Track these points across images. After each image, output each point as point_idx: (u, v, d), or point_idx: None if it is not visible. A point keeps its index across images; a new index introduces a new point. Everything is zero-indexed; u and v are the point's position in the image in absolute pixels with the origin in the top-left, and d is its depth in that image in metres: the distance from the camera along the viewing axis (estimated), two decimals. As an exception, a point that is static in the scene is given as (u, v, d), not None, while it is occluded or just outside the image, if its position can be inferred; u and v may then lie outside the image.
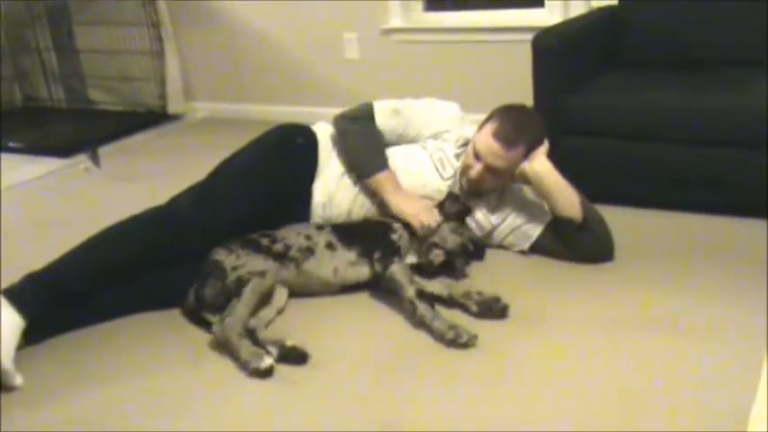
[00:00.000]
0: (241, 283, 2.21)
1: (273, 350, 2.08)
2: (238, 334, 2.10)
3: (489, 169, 2.52)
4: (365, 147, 2.61)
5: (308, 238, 2.42)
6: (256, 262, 2.30)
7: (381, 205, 2.57)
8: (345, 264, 2.41)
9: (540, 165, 2.50)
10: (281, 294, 2.35)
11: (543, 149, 2.52)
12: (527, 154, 2.50)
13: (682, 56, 3.25)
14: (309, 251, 2.39)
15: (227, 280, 2.23)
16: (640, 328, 2.15)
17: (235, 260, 2.29)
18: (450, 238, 2.46)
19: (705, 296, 2.29)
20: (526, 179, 2.55)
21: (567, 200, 2.51)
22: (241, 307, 2.16)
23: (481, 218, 2.63)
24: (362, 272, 2.42)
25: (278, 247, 2.36)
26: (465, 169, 2.58)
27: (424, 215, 2.48)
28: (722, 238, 2.68)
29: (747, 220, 2.74)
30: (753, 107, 2.70)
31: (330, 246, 2.42)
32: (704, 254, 2.57)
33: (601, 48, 3.32)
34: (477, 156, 2.52)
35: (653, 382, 1.91)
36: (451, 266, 2.46)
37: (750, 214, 2.75)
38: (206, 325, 2.23)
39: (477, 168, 2.52)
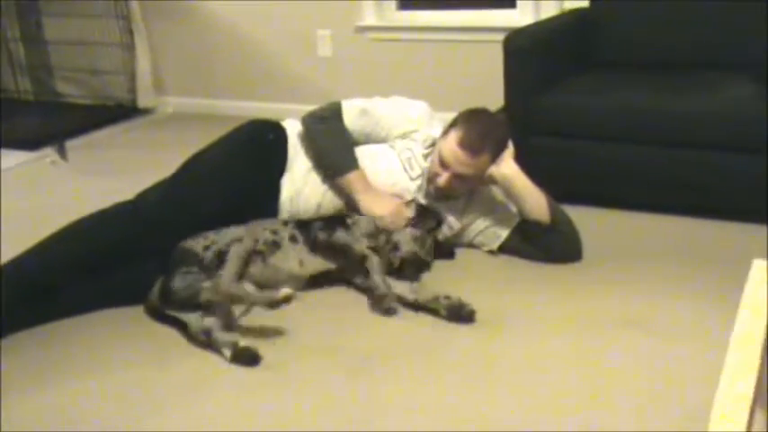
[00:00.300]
0: (221, 256, 2.23)
1: (227, 351, 2.06)
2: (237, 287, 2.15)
3: (457, 177, 2.52)
4: (334, 146, 2.59)
5: (274, 232, 2.41)
6: (228, 233, 2.32)
7: (350, 201, 2.57)
8: (309, 255, 2.41)
9: (507, 168, 2.51)
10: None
11: (510, 153, 2.53)
12: (494, 159, 2.51)
13: (653, 57, 3.28)
14: (275, 245, 2.38)
15: (205, 261, 2.23)
16: (608, 327, 2.17)
17: (205, 241, 2.30)
18: (406, 247, 2.45)
19: (671, 296, 2.31)
20: (494, 183, 2.56)
21: (536, 202, 2.52)
22: (228, 269, 2.18)
23: (450, 219, 2.63)
24: (327, 263, 2.42)
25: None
26: (432, 177, 2.57)
27: (393, 217, 2.49)
28: (690, 238, 2.71)
29: (716, 221, 2.78)
30: (723, 109, 2.74)
31: (293, 239, 2.41)
32: (671, 254, 2.60)
33: (572, 49, 3.34)
34: (443, 164, 2.52)
35: (620, 381, 1.92)
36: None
37: (719, 216, 2.78)
38: (171, 322, 2.21)
39: (444, 177, 2.52)
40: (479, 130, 2.49)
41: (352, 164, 2.56)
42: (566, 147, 2.96)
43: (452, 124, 2.55)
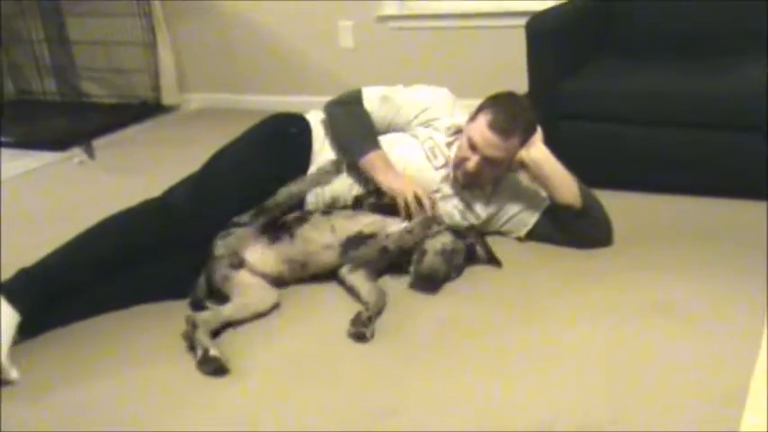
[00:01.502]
0: (257, 215, 2.36)
1: (199, 351, 2.02)
2: None
3: (486, 160, 2.49)
4: (355, 129, 2.58)
5: (302, 214, 2.46)
6: None
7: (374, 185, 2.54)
8: (342, 219, 2.43)
9: (538, 152, 2.48)
10: (269, 296, 2.30)
11: (539, 136, 2.50)
12: (523, 142, 2.48)
13: (675, 39, 3.24)
14: (303, 219, 2.41)
15: (241, 221, 2.36)
16: (639, 313, 2.15)
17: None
18: (399, 238, 2.36)
19: (704, 280, 2.29)
20: (524, 167, 2.53)
21: (567, 186, 2.49)
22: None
23: (477, 208, 2.61)
24: (364, 220, 2.44)
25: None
26: (460, 162, 2.54)
27: (410, 192, 2.45)
28: (721, 220, 2.67)
29: (746, 202, 2.74)
30: (749, 90, 2.70)
31: (326, 213, 2.45)
32: (703, 237, 2.57)
33: (595, 31, 3.31)
34: (472, 148, 2.49)
35: (651, 366, 1.90)
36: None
37: (748, 196, 2.74)
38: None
39: (474, 160, 2.49)
40: (509, 113, 2.46)
41: (374, 144, 2.54)
42: (591, 130, 2.94)
43: (480, 108, 2.52)
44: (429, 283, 2.33)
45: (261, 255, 2.36)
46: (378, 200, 2.51)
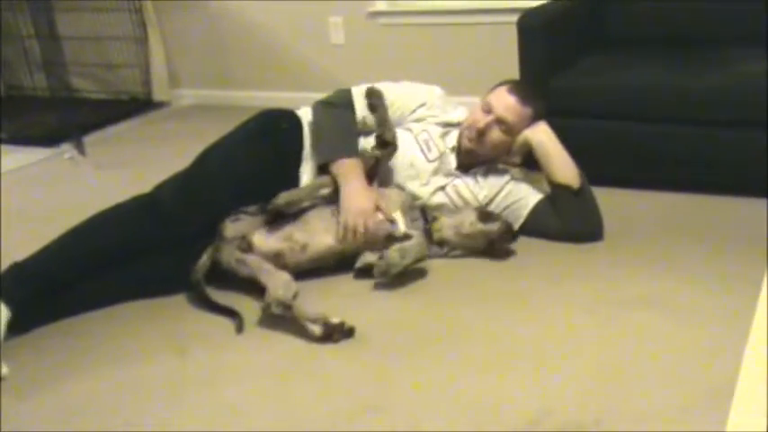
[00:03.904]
0: (263, 209, 2.39)
1: (317, 327, 2.07)
2: None
3: (498, 122, 2.54)
4: (336, 131, 2.55)
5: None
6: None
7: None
8: None
9: (543, 132, 2.56)
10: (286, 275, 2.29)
11: (544, 123, 2.59)
12: (532, 120, 2.57)
13: (666, 34, 3.25)
14: (307, 208, 2.42)
15: (249, 210, 2.41)
16: (628, 308, 2.15)
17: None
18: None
19: (694, 276, 2.29)
20: (525, 148, 2.58)
21: (567, 167, 2.54)
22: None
23: (467, 194, 2.62)
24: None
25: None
26: (470, 125, 2.59)
27: (358, 217, 2.37)
28: (712, 217, 2.68)
29: (739, 198, 2.75)
30: (738, 85, 2.71)
31: (331, 203, 2.44)
32: (694, 233, 2.57)
33: (587, 27, 3.31)
34: (487, 111, 2.56)
35: (641, 361, 1.91)
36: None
37: (747, 193, 2.75)
38: (210, 306, 2.26)
39: (486, 120, 2.55)
40: (527, 88, 2.66)
41: (351, 151, 2.51)
42: (583, 127, 2.94)
43: (497, 85, 2.64)
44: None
45: (264, 235, 2.37)
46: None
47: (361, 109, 2.60)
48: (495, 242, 2.46)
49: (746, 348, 1.89)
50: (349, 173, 2.46)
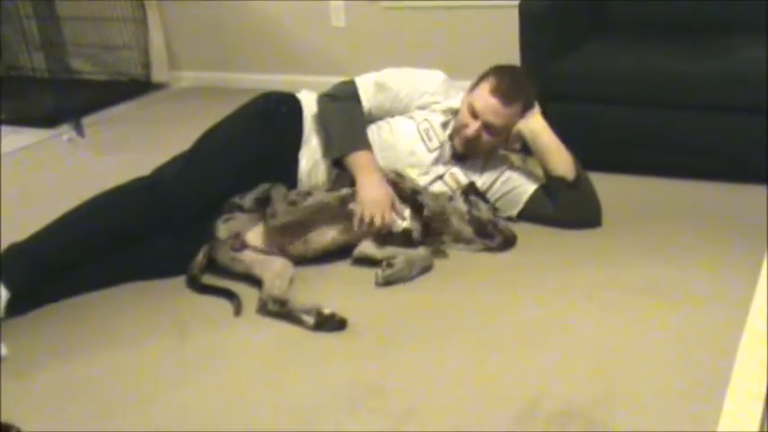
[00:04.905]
0: (259, 202, 2.37)
1: (311, 317, 2.07)
2: None
3: (486, 127, 2.51)
4: (347, 125, 2.55)
5: (300, 193, 2.44)
6: (259, 188, 2.43)
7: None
8: (349, 189, 2.42)
9: (536, 123, 2.52)
10: (282, 261, 2.33)
11: (537, 110, 2.55)
12: (523, 112, 2.52)
13: (668, 20, 3.23)
14: (308, 194, 2.42)
15: (245, 206, 2.38)
16: (626, 294, 2.16)
17: (239, 196, 2.42)
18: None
19: (694, 262, 2.30)
20: (521, 138, 2.55)
21: (562, 158, 2.52)
22: (277, 201, 2.34)
23: (466, 182, 2.61)
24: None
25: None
26: (460, 128, 2.55)
27: (375, 207, 2.38)
28: (712, 203, 2.68)
29: (739, 184, 2.75)
30: (739, 71, 2.70)
31: (329, 190, 2.44)
32: (694, 219, 2.57)
33: (589, 12, 3.29)
34: (473, 114, 2.51)
35: (639, 347, 1.91)
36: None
37: (748, 180, 2.74)
38: (212, 292, 2.27)
39: (474, 126, 2.51)
40: (511, 81, 2.51)
41: (364, 143, 2.52)
42: (583, 112, 2.94)
43: (482, 77, 2.56)
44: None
45: (260, 233, 2.37)
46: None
47: (367, 100, 2.58)
48: (494, 250, 2.46)
49: (744, 334, 1.89)
50: (366, 165, 2.47)
